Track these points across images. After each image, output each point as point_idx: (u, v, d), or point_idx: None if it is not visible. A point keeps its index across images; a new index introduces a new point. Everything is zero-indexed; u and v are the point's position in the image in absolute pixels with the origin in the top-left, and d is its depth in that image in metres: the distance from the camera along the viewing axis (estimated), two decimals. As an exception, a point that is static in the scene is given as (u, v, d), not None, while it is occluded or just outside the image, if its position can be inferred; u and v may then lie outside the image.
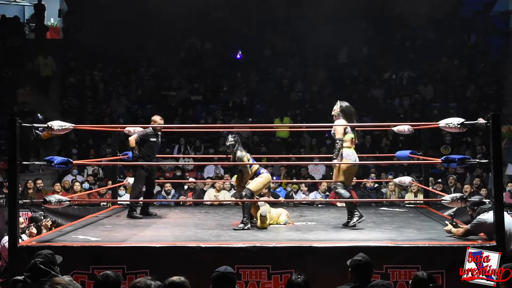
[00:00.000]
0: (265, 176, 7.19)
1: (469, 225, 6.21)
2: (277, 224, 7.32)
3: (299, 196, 11.44)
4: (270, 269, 5.76)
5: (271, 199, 9.58)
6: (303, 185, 11.64)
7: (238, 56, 17.96)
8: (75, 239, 6.38)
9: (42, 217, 8.08)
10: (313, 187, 12.09)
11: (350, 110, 7.09)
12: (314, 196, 11.44)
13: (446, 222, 6.56)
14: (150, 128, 7.93)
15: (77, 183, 11.72)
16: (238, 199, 7.21)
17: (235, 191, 8.82)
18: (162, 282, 3.88)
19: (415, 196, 10.70)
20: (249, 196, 6.98)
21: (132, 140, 7.84)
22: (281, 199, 10.90)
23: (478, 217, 6.11)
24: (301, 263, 5.66)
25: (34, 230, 7.12)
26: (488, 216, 5.99)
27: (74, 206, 10.47)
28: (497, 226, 5.88)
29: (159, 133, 8.08)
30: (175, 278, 3.89)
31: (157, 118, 8.05)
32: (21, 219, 7.40)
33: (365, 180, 11.99)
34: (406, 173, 12.28)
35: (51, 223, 7.62)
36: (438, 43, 17.56)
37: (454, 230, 6.23)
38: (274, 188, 11.63)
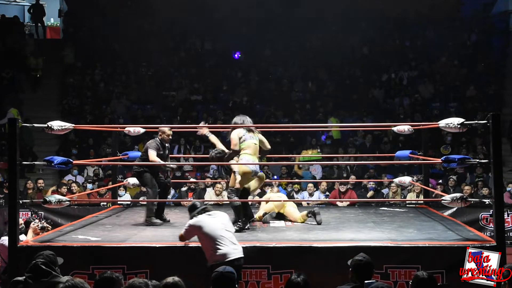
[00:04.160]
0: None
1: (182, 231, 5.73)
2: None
3: (301, 197, 11.41)
4: (270, 269, 5.76)
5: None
6: (308, 186, 11.57)
7: (236, 56, 17.97)
8: (75, 239, 6.37)
9: (36, 219, 8.03)
10: (313, 187, 12.05)
11: (243, 120, 6.96)
12: (318, 196, 11.40)
13: None
14: (157, 140, 7.48)
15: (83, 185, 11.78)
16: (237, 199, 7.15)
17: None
18: (161, 282, 3.89)
19: (417, 196, 10.66)
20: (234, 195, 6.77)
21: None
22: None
23: (189, 221, 5.67)
24: (301, 263, 5.65)
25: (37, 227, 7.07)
26: (195, 220, 5.57)
27: (74, 206, 10.47)
28: (497, 226, 5.89)
29: (166, 144, 7.57)
30: (169, 279, 3.89)
31: (165, 129, 7.57)
32: (20, 220, 7.34)
33: (365, 180, 11.98)
34: (406, 173, 12.28)
35: (41, 227, 7.47)
36: (438, 43, 17.56)
37: None
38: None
